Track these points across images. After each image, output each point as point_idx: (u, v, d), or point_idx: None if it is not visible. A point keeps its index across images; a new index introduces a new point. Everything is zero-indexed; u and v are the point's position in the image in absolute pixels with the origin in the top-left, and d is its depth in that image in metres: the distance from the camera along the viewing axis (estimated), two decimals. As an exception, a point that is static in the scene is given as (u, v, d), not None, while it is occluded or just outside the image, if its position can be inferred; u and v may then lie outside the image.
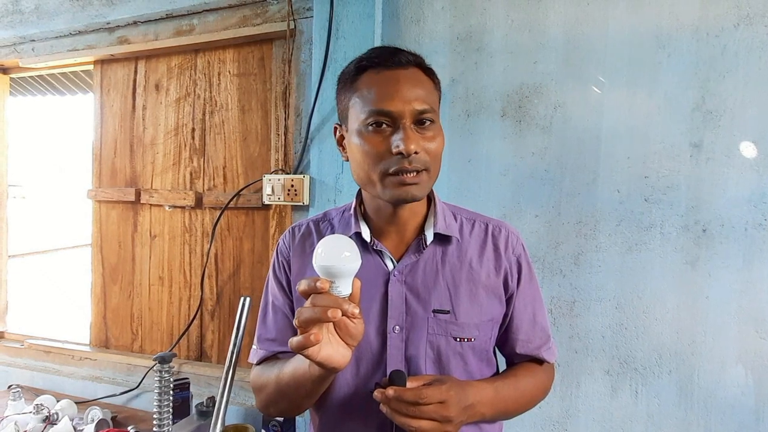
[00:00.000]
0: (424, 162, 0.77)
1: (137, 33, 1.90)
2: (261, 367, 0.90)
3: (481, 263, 0.86)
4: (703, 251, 1.28)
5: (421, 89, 0.78)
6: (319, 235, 0.91)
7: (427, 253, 0.85)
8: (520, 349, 0.90)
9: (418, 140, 0.75)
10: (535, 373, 0.90)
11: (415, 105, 0.76)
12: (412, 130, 0.76)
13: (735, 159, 1.25)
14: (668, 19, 1.30)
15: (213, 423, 1.03)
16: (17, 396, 1.68)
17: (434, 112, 0.79)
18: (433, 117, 0.78)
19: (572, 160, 1.38)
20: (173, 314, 1.93)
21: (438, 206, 0.87)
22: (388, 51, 0.81)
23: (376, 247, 0.85)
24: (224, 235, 1.84)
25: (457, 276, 0.84)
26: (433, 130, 0.79)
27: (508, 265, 0.87)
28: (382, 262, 0.85)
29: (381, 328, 0.82)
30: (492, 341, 0.88)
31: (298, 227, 0.95)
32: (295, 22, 1.64)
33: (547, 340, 0.92)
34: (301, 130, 1.65)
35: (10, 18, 2.07)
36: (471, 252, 0.86)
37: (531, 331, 0.90)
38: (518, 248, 0.89)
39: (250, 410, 1.69)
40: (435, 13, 1.50)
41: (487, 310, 0.85)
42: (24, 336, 2.22)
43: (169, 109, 1.93)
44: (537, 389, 0.91)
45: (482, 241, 0.88)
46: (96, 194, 2.05)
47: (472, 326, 0.83)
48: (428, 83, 0.81)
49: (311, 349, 0.64)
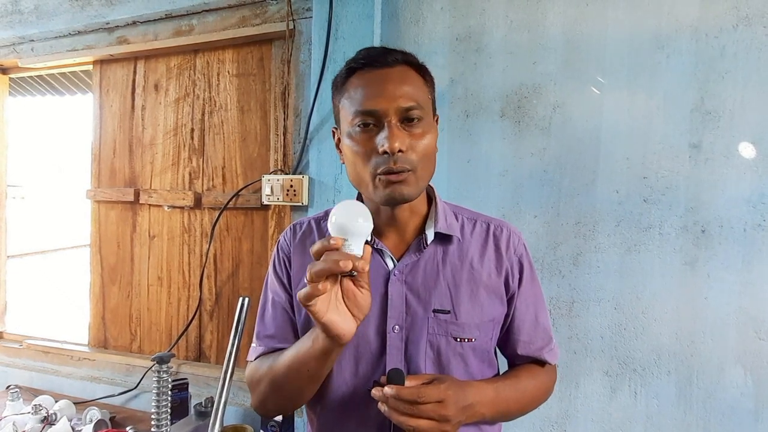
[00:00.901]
0: (410, 162, 0.75)
1: (136, 33, 1.90)
2: (257, 362, 0.89)
3: (482, 263, 0.85)
4: (702, 252, 1.28)
5: (408, 86, 0.77)
6: (320, 233, 0.91)
7: (428, 252, 0.85)
8: (522, 351, 0.89)
9: (403, 138, 0.75)
10: (536, 374, 0.90)
11: (399, 102, 0.75)
12: (397, 128, 0.75)
13: (734, 160, 1.25)
14: (667, 19, 1.30)
15: (211, 423, 1.03)
16: (16, 396, 1.68)
17: (422, 109, 0.77)
18: (421, 114, 0.77)
19: (571, 160, 1.38)
20: (172, 314, 1.93)
21: (439, 206, 0.87)
22: (376, 51, 0.80)
23: (377, 246, 0.85)
24: (223, 236, 1.84)
25: (457, 276, 0.84)
26: (422, 127, 0.77)
27: (510, 265, 0.87)
28: (383, 261, 0.85)
29: (381, 327, 0.82)
30: (493, 342, 0.88)
31: (299, 225, 0.94)
32: (295, 22, 1.64)
33: (549, 341, 0.91)
34: (300, 130, 1.65)
35: (9, 18, 2.07)
36: (472, 252, 0.86)
37: (533, 332, 0.89)
38: (520, 248, 0.89)
39: (248, 411, 1.68)
40: (434, 14, 1.50)
41: (488, 310, 0.84)
42: (23, 336, 2.22)
43: (168, 110, 1.93)
44: (538, 390, 0.90)
45: (483, 241, 0.87)
46: (95, 194, 2.04)
47: (473, 326, 0.83)
48: (417, 80, 0.80)
49: (318, 306, 0.65)
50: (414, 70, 0.81)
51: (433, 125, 0.82)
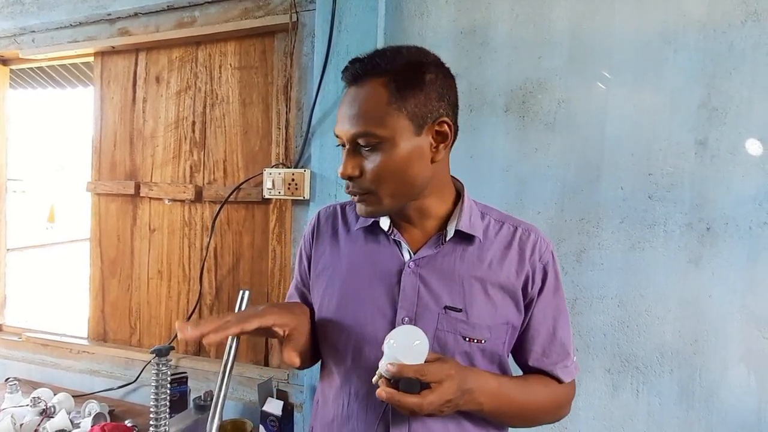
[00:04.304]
0: (362, 187, 0.78)
1: (138, 24, 1.88)
2: None
3: (502, 265, 0.83)
4: (706, 249, 1.27)
5: (366, 109, 0.74)
6: (344, 219, 0.95)
7: (446, 248, 0.84)
8: (533, 362, 0.86)
9: (354, 164, 0.77)
10: (549, 384, 0.86)
11: (351, 129, 0.76)
12: (350, 154, 0.78)
13: (740, 157, 1.24)
14: (675, 15, 1.28)
15: (210, 417, 1.02)
16: (14, 389, 1.67)
17: (375, 134, 0.74)
18: (373, 140, 0.74)
19: (576, 156, 1.36)
20: (172, 308, 1.92)
21: (465, 204, 0.86)
22: (354, 66, 0.77)
23: (395, 237, 0.85)
24: (224, 229, 1.83)
25: (473, 275, 0.82)
26: (376, 151, 0.75)
27: (531, 271, 0.84)
28: (399, 252, 0.85)
29: (390, 317, 0.81)
30: (506, 347, 0.85)
31: (325, 210, 0.99)
32: (298, 14, 1.63)
33: (566, 357, 0.87)
34: (303, 124, 1.64)
35: (10, 8, 2.06)
36: (493, 253, 0.84)
37: (548, 345, 0.86)
38: (546, 256, 0.86)
39: (248, 405, 1.68)
40: (439, 7, 1.49)
41: (502, 312, 0.82)
42: (22, 329, 2.21)
43: (170, 102, 1.91)
44: (549, 402, 0.86)
45: (507, 244, 0.85)
46: (95, 187, 2.03)
47: (484, 327, 0.81)
48: (381, 98, 0.74)
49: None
50: (385, 84, 0.74)
51: (402, 142, 0.75)
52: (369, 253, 0.87)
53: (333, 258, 0.91)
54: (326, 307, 0.88)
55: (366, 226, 0.88)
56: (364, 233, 0.89)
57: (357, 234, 0.90)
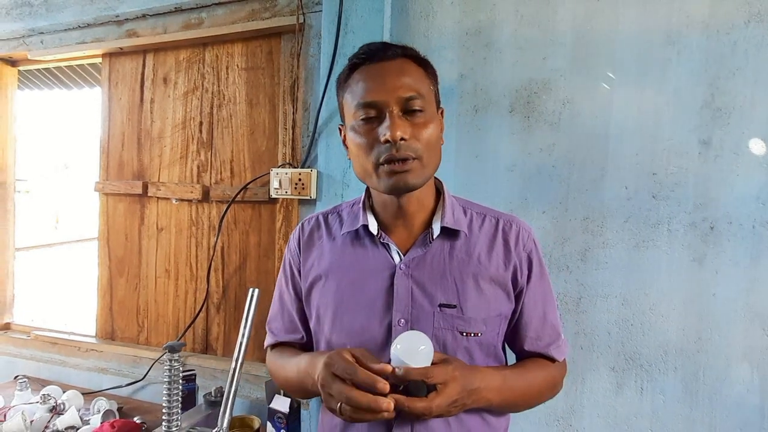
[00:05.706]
0: (414, 149, 0.77)
1: (146, 26, 1.90)
2: (272, 352, 0.97)
3: (490, 258, 0.86)
4: (710, 248, 1.28)
5: (408, 77, 0.79)
6: (327, 228, 0.94)
7: (435, 246, 0.85)
8: (529, 347, 0.89)
9: (405, 127, 0.76)
10: (545, 367, 0.90)
11: (399, 92, 0.77)
12: (399, 117, 0.77)
13: (743, 156, 1.25)
14: (678, 15, 1.29)
15: (221, 413, 1.04)
16: (24, 386, 1.69)
17: (423, 99, 0.79)
18: (423, 104, 0.78)
19: (580, 156, 1.38)
20: (179, 307, 1.94)
21: (447, 200, 0.87)
22: (375, 46, 0.82)
23: (383, 240, 0.86)
24: (231, 229, 1.85)
25: (464, 270, 0.84)
26: (424, 117, 0.79)
27: (518, 261, 0.87)
28: (389, 255, 0.86)
29: (386, 321, 0.83)
30: (500, 337, 0.88)
31: (308, 221, 0.98)
32: (304, 16, 1.64)
33: (557, 338, 0.91)
34: (309, 124, 1.66)
35: (19, 10, 2.08)
36: (479, 246, 0.86)
37: (540, 329, 0.89)
38: (529, 244, 0.89)
39: (255, 403, 1.69)
40: (444, 8, 1.50)
41: (495, 305, 0.85)
42: (30, 327, 2.24)
43: (177, 103, 1.93)
44: (546, 383, 0.90)
45: (492, 236, 0.88)
46: (103, 187, 2.06)
47: (479, 321, 0.83)
48: (417, 72, 0.81)
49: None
50: (414, 62, 0.82)
51: (437, 117, 0.83)
52: (359, 259, 0.88)
53: (322, 268, 0.91)
54: (323, 318, 0.89)
55: (351, 230, 0.89)
56: (350, 239, 0.90)
57: (343, 241, 0.90)
